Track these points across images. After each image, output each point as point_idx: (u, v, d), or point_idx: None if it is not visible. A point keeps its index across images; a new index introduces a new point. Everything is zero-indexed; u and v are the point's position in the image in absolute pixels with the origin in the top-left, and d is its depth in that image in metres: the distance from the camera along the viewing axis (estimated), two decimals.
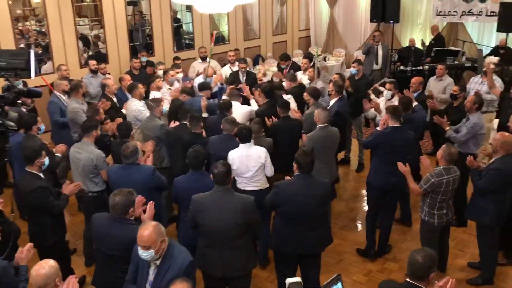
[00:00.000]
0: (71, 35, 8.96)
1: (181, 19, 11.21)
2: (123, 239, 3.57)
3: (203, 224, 3.97)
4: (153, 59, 9.81)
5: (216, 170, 3.96)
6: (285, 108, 6.04)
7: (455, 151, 4.67)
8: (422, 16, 12.26)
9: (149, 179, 4.56)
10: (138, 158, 4.65)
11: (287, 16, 13.47)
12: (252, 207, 4.02)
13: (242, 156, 5.07)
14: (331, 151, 5.64)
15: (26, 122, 5.18)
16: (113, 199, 3.63)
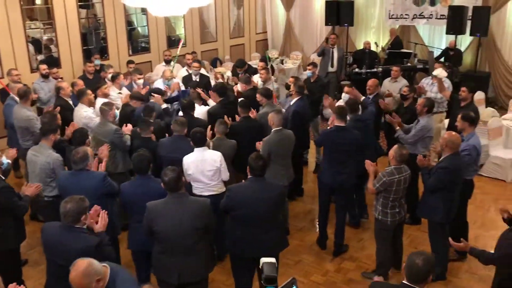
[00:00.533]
0: (20, 39, 8.68)
1: (134, 22, 11.06)
2: (75, 249, 3.46)
3: (159, 231, 3.91)
4: (108, 62, 9.67)
5: (167, 178, 3.90)
6: (245, 108, 6.06)
7: (406, 152, 4.81)
8: (375, 19, 12.54)
9: (100, 186, 4.45)
10: (88, 164, 4.54)
11: (244, 19, 13.51)
12: (208, 210, 4.00)
13: (197, 161, 5.05)
14: (287, 154, 5.68)
15: None
16: (65, 206, 3.53)
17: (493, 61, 10.87)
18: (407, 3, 11.51)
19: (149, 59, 10.86)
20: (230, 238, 4.46)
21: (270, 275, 2.64)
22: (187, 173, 5.05)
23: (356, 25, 12.23)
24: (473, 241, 5.81)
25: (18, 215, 4.54)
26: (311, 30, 13.42)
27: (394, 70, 8.16)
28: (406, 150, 4.85)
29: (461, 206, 5.31)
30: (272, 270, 2.69)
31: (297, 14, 13.62)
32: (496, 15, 10.52)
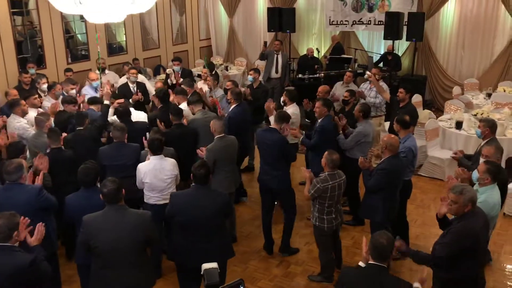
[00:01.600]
0: None
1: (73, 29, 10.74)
2: (7, 267, 3.29)
3: (97, 245, 3.77)
4: (45, 71, 9.38)
5: (106, 189, 3.79)
6: (178, 116, 6.02)
7: (336, 157, 4.89)
8: (316, 25, 12.80)
9: (35, 200, 4.26)
10: (23, 176, 4.33)
11: (186, 25, 13.43)
12: (149, 223, 3.91)
13: (155, 170, 4.99)
14: (232, 160, 5.71)
15: None
16: None
17: (429, 65, 11.35)
18: (346, 9, 11.83)
19: (89, 67, 10.55)
20: (173, 246, 4.40)
21: (212, 282, 2.61)
22: (144, 181, 4.98)
23: (298, 31, 12.42)
24: (414, 239, 6.03)
25: None
26: (255, 36, 13.52)
27: (347, 75, 8.35)
28: (337, 155, 4.92)
29: (401, 206, 5.49)
30: (214, 276, 2.66)
31: (240, 20, 13.69)
32: (431, 21, 11.00)
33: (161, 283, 4.84)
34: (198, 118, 6.28)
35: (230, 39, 13.88)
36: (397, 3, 11.13)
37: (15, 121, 6.14)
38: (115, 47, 11.57)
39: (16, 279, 3.29)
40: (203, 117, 6.26)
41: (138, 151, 5.53)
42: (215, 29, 14.07)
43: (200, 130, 6.14)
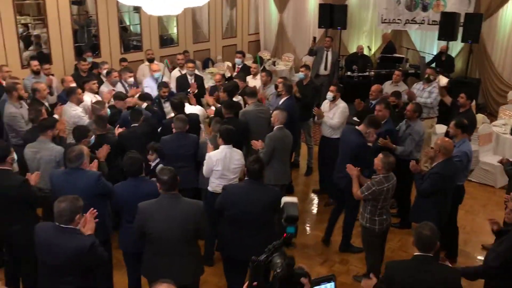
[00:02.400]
0: (11, 35, 8.60)
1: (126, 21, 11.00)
2: (68, 249, 3.44)
3: (151, 232, 3.88)
4: (100, 60, 9.57)
5: (166, 177, 3.88)
6: (230, 109, 6.10)
7: (393, 160, 4.84)
8: (368, 23, 12.62)
9: (94, 185, 4.40)
10: (83, 162, 4.50)
11: (236, 20, 13.52)
12: (201, 213, 3.98)
13: (226, 158, 5.10)
14: (288, 152, 5.78)
15: None
16: (59, 206, 3.49)
17: (484, 67, 11.00)
18: (399, 8, 11.60)
19: (141, 58, 10.80)
20: (222, 239, 4.47)
21: (292, 214, 2.61)
22: (215, 170, 5.10)
23: (348, 29, 12.29)
24: (462, 246, 5.90)
25: (37, 207, 4.67)
26: (304, 32, 13.46)
27: (396, 74, 8.21)
28: (393, 158, 4.87)
29: (452, 211, 5.38)
30: (294, 209, 2.66)
31: (290, 16, 13.66)
32: (488, 22, 10.64)
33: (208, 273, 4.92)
34: (251, 110, 6.33)
35: (278, 35, 13.88)
36: (453, 3, 10.82)
37: (71, 109, 6.33)
38: (167, 39, 11.78)
39: (75, 260, 3.43)
40: (256, 109, 6.32)
41: (197, 142, 5.66)
42: (264, 24, 14.10)
43: (252, 122, 6.19)
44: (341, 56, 11.76)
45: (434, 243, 3.36)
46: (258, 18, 14.11)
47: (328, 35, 11.56)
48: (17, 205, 4.44)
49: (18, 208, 4.46)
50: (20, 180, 4.43)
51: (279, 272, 2.35)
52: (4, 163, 4.44)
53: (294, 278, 2.41)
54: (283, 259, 2.41)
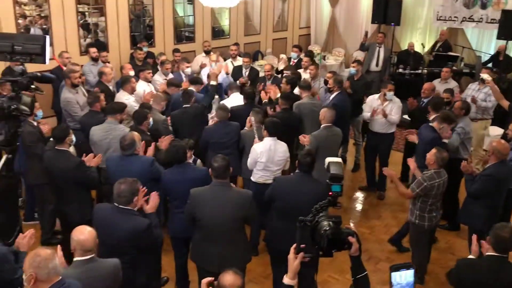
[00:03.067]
0: (72, 22, 8.94)
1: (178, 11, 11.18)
2: (126, 229, 3.62)
3: (201, 218, 4.00)
4: (154, 50, 9.84)
5: (217, 164, 4.01)
6: (287, 100, 6.15)
7: (446, 156, 4.80)
8: (422, 20, 12.34)
9: (147, 170, 4.59)
10: (136, 149, 4.68)
11: (288, 13, 13.51)
12: (250, 202, 4.08)
13: (270, 150, 5.20)
14: (334, 151, 5.78)
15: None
16: (118, 187, 3.67)
17: None
18: (457, 5, 11.27)
19: (193, 49, 11.00)
20: (270, 230, 4.55)
21: (336, 174, 2.66)
22: (259, 161, 5.20)
23: (402, 25, 12.06)
24: None
25: (92, 188, 4.91)
26: (356, 27, 13.30)
27: (445, 71, 8.08)
28: (446, 154, 4.83)
29: (503, 215, 5.26)
30: (338, 168, 2.71)
31: (343, 10, 13.53)
32: None
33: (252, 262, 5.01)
34: (306, 103, 6.37)
35: (330, 29, 13.78)
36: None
37: (124, 98, 6.53)
38: (218, 31, 11.92)
39: (133, 240, 3.61)
40: (311, 103, 6.36)
41: (239, 130, 5.78)
42: (316, 18, 14.02)
43: (306, 115, 6.24)
44: (393, 53, 11.57)
45: (510, 245, 3.42)
46: (310, 12, 14.04)
47: (381, 31, 11.40)
48: (72, 185, 4.70)
49: (74, 188, 4.72)
50: (77, 161, 4.68)
51: (327, 230, 2.40)
52: (63, 144, 4.70)
53: (342, 237, 2.46)
54: (330, 218, 2.46)
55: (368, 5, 12.69)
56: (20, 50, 2.26)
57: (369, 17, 12.23)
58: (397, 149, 8.73)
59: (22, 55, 2.26)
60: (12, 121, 2.11)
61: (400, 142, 8.60)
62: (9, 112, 2.08)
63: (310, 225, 2.50)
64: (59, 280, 2.80)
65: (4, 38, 2.32)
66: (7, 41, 2.29)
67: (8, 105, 2.09)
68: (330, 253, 2.47)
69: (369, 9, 12.35)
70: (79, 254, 3.12)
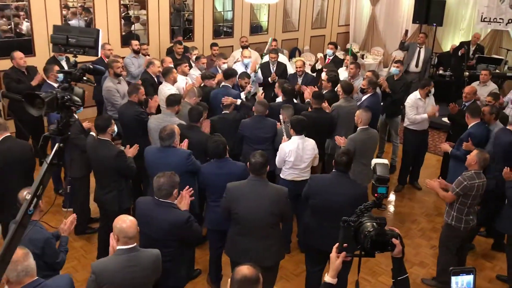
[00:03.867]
0: (115, 14, 9.13)
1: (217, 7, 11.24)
2: (166, 222, 3.69)
3: (236, 212, 4.04)
4: (192, 44, 9.91)
5: (254, 160, 4.05)
6: (318, 99, 6.13)
7: (488, 157, 4.75)
8: (466, 21, 12.06)
9: (184, 163, 4.65)
10: (175, 141, 4.74)
11: (327, 11, 13.44)
12: (285, 199, 4.09)
13: (298, 149, 5.21)
14: (371, 153, 5.72)
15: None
16: (158, 181, 3.72)
17: None
18: (503, 6, 10.96)
19: (231, 44, 11.07)
20: (304, 227, 4.56)
21: (382, 175, 2.64)
22: (287, 160, 5.21)
23: (444, 25, 11.81)
24: None
25: (130, 177, 5.02)
26: (396, 26, 13.11)
27: (483, 74, 7.93)
28: (488, 155, 4.78)
29: None
30: (385, 171, 2.69)
31: (383, 9, 13.36)
32: None
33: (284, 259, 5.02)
34: (344, 106, 6.31)
35: (369, 27, 13.62)
36: None
37: (166, 88, 6.62)
38: (256, 27, 11.95)
39: (173, 232, 3.68)
40: (348, 105, 6.32)
41: (275, 126, 5.80)
42: (355, 16, 13.90)
43: (343, 117, 6.20)
44: (434, 54, 11.35)
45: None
46: (350, 9, 13.93)
47: (422, 31, 11.19)
48: (112, 173, 4.83)
49: (113, 177, 4.85)
50: (117, 151, 4.80)
51: (371, 231, 2.40)
52: (105, 133, 4.84)
53: (386, 238, 2.46)
54: (374, 219, 2.46)
55: (409, 4, 12.50)
56: (74, 42, 2.32)
57: (410, 17, 12.04)
58: (434, 152, 8.60)
59: (75, 47, 2.32)
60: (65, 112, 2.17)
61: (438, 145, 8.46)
62: (62, 103, 2.14)
63: (353, 225, 2.50)
64: (33, 281, 2.84)
65: (60, 30, 2.38)
66: (62, 34, 2.34)
67: (62, 96, 2.14)
68: (372, 254, 2.46)
69: (411, 8, 12.17)
70: (122, 242, 3.19)
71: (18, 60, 6.90)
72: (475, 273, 2.44)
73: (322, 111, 6.18)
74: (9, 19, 8.20)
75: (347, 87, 6.50)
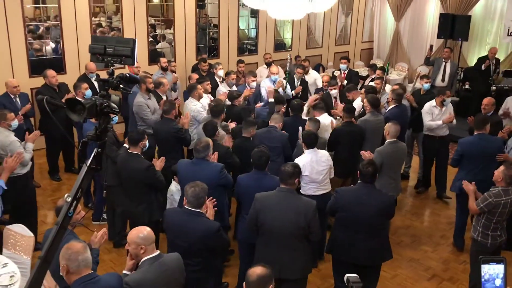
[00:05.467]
0: (143, 33, 9.33)
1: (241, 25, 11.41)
2: (197, 231, 3.74)
3: (264, 223, 4.04)
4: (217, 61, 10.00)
5: (283, 168, 4.09)
6: (350, 113, 6.14)
7: None
8: (491, 35, 11.97)
9: (216, 177, 4.70)
10: (209, 154, 4.82)
11: (351, 27, 13.50)
12: (313, 212, 4.06)
13: (312, 162, 5.22)
14: (398, 167, 5.71)
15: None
16: (194, 190, 3.79)
17: None
18: None
19: (255, 61, 11.19)
20: (333, 240, 4.53)
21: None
22: (303, 175, 5.16)
23: (470, 40, 11.74)
24: None
25: (159, 189, 5.11)
26: (421, 42, 13.10)
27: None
28: None
29: None
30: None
31: (407, 25, 13.37)
32: None
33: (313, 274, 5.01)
34: (371, 120, 6.32)
35: (393, 43, 13.62)
36: None
37: (191, 104, 6.77)
38: (280, 44, 12.08)
39: (204, 241, 3.73)
40: (375, 119, 6.32)
41: (285, 138, 5.86)
42: (379, 32, 13.93)
43: (370, 132, 6.22)
44: (460, 69, 11.26)
45: None
46: (373, 25, 13.98)
47: (447, 46, 11.13)
48: (142, 186, 4.92)
49: (143, 189, 4.93)
50: (147, 165, 4.88)
51: None
52: (136, 147, 4.93)
53: None
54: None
55: (434, 19, 12.49)
56: (111, 52, 2.42)
57: (435, 32, 12.02)
58: None
59: (113, 56, 2.42)
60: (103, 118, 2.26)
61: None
62: (101, 109, 2.23)
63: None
64: (89, 273, 2.94)
65: (98, 40, 2.49)
66: (100, 44, 2.45)
67: (100, 102, 2.24)
68: None
69: (435, 23, 12.16)
70: (150, 250, 3.24)
71: (51, 78, 7.13)
72: (505, 263, 2.40)
73: (353, 124, 6.19)
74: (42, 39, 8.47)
75: (374, 101, 6.50)
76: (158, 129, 6.01)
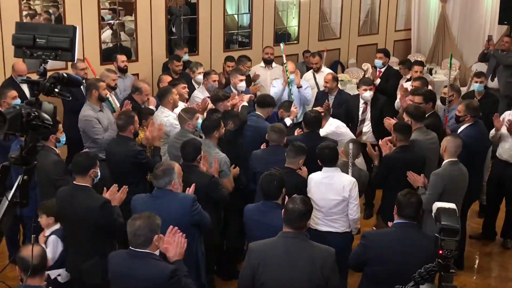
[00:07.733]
0: (93, 22, 9.29)
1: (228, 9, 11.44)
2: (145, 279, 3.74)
3: (263, 283, 3.97)
4: (196, 58, 9.88)
5: (291, 206, 4.04)
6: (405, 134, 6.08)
7: None
8: None
9: (186, 213, 4.67)
10: (172, 183, 4.75)
11: (380, 11, 13.60)
12: (332, 263, 4.03)
13: (321, 183, 5.28)
14: (461, 195, 5.72)
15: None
16: (133, 224, 3.82)
17: None
18: None
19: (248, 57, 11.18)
20: None
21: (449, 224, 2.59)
22: (311, 198, 5.21)
23: None
24: None
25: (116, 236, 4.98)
26: (476, 31, 13.25)
27: None
28: None
29: None
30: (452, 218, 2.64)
31: (457, 8, 13.55)
32: None
33: None
34: (419, 140, 6.28)
35: (439, 33, 13.75)
36: None
37: (163, 115, 6.75)
38: (282, 34, 12.07)
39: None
40: (426, 138, 6.34)
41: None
42: (418, 18, 14.07)
43: None
44: None
45: None
46: (411, 9, 14.09)
47: (510, 34, 11.21)
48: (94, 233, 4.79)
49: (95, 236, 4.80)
50: (101, 201, 4.78)
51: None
52: (85, 177, 4.85)
53: None
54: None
55: (493, 1, 12.60)
56: (43, 44, 2.41)
57: (495, 17, 12.13)
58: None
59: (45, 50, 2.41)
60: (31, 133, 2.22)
61: None
62: (27, 121, 2.20)
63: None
64: None
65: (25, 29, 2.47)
66: (27, 33, 2.43)
67: (28, 112, 2.21)
68: None
69: (495, 6, 12.28)
70: None
71: None
72: None
73: (410, 149, 6.11)
74: None
75: (416, 112, 6.48)
76: (110, 151, 5.98)
